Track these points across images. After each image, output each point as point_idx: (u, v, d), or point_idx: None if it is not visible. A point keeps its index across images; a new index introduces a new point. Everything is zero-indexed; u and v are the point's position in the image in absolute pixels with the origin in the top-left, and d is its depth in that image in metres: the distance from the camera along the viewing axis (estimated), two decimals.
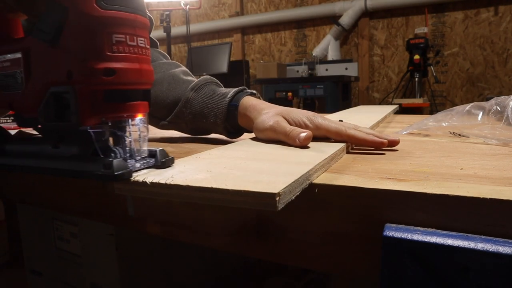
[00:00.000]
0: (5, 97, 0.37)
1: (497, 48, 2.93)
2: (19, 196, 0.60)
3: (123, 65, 0.31)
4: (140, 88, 0.34)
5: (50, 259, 0.70)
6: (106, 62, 0.30)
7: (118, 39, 0.31)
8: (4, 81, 0.37)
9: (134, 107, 0.33)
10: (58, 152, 0.35)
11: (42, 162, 0.36)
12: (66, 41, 0.30)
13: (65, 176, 0.34)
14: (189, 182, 0.29)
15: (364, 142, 0.46)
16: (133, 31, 0.32)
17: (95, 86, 0.30)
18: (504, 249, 0.24)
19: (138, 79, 0.33)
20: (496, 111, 0.58)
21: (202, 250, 0.76)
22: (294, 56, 3.74)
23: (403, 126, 0.71)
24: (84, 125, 0.31)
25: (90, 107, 0.31)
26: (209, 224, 0.39)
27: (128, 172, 0.31)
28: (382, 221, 0.30)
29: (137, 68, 0.32)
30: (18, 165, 0.37)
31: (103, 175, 0.30)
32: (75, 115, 0.31)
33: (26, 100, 0.35)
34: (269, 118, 0.51)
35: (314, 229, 0.33)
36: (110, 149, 0.33)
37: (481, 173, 0.34)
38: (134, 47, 0.32)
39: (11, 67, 0.36)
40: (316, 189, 0.32)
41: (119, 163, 0.30)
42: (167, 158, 0.35)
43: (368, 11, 3.24)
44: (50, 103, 0.32)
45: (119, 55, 0.31)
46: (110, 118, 0.32)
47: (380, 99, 3.35)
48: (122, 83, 0.31)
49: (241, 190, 0.27)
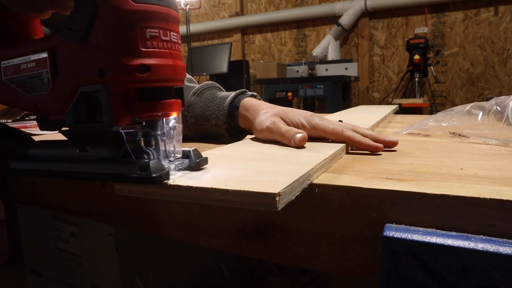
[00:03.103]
0: (30, 99, 0.35)
1: (497, 48, 2.93)
2: (19, 196, 0.60)
3: (157, 61, 0.29)
4: (174, 86, 0.32)
5: (50, 259, 0.70)
6: (141, 58, 0.29)
7: (152, 34, 0.29)
8: (29, 82, 0.35)
9: (168, 106, 0.32)
10: (86, 155, 0.33)
11: (69, 166, 0.34)
12: (97, 38, 0.29)
13: (97, 179, 0.32)
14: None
15: (360, 144, 0.46)
16: (166, 26, 0.30)
17: (129, 84, 0.29)
18: (504, 249, 0.24)
19: (172, 76, 0.31)
20: (496, 111, 0.58)
21: (202, 250, 0.76)
22: (294, 56, 3.74)
23: (403, 126, 0.71)
24: (116, 126, 0.29)
25: (123, 106, 0.29)
26: (209, 224, 0.39)
27: (165, 174, 0.30)
28: (382, 221, 0.30)
29: (171, 64, 0.30)
30: (43, 170, 0.36)
31: (140, 178, 0.29)
32: (108, 115, 0.29)
33: (53, 101, 0.33)
34: (266, 119, 0.51)
35: (314, 229, 0.33)
36: (143, 150, 0.32)
37: (481, 173, 0.34)
38: (167, 42, 0.30)
39: (36, 67, 0.34)
40: (316, 189, 0.32)
41: (156, 164, 0.29)
42: (201, 158, 0.34)
43: (368, 11, 3.24)
44: (79, 103, 0.30)
45: (153, 50, 0.29)
46: (144, 118, 0.31)
47: (380, 99, 3.35)
48: (156, 80, 0.30)
49: (241, 191, 0.27)
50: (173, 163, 0.32)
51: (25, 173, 0.37)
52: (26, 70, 0.35)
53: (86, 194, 0.49)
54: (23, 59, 0.35)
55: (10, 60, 0.36)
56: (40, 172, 0.36)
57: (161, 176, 0.29)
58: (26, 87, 0.35)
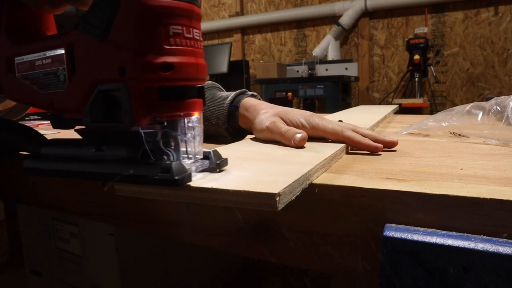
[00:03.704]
0: (45, 97, 0.34)
1: (497, 48, 2.93)
2: (19, 196, 0.60)
3: (180, 59, 0.28)
4: (196, 85, 0.31)
5: (50, 259, 0.70)
6: (164, 56, 0.27)
7: (175, 31, 0.28)
8: (44, 79, 0.34)
9: (190, 105, 0.30)
10: (102, 155, 0.32)
11: (85, 166, 0.33)
12: (118, 35, 0.28)
13: (115, 181, 0.31)
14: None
15: (359, 145, 0.46)
16: (189, 23, 0.29)
17: (151, 83, 0.28)
18: (504, 249, 0.24)
19: (194, 74, 0.30)
20: (496, 111, 0.58)
21: (202, 250, 0.76)
22: (294, 56, 3.74)
23: (403, 126, 0.71)
24: (137, 126, 0.28)
25: (144, 105, 0.28)
26: (209, 224, 0.39)
27: (188, 176, 0.29)
28: (382, 221, 0.30)
29: (194, 63, 0.29)
30: (58, 169, 0.34)
31: (162, 180, 0.28)
32: (128, 114, 0.28)
33: (70, 99, 0.32)
34: (266, 119, 0.51)
35: (314, 229, 0.33)
36: (163, 151, 0.30)
37: (481, 173, 0.34)
38: (190, 39, 0.29)
39: (52, 64, 0.33)
40: (316, 189, 0.32)
41: (178, 166, 0.28)
42: (221, 159, 0.33)
43: (368, 11, 3.24)
44: (98, 102, 0.29)
45: (176, 48, 0.28)
46: (166, 118, 0.30)
47: (380, 99, 3.35)
48: (179, 79, 0.29)
49: (241, 191, 0.27)
50: (194, 165, 0.31)
51: (39, 173, 0.36)
52: (41, 66, 0.34)
53: (86, 194, 0.49)
54: (38, 55, 0.34)
55: (24, 56, 0.35)
56: (54, 172, 0.35)
57: (184, 179, 0.28)
58: (40, 84, 0.34)
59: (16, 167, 0.57)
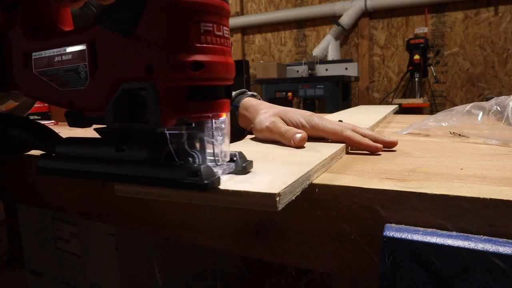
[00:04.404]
0: (64, 94, 0.32)
1: (497, 48, 2.93)
2: (19, 196, 0.60)
3: (211, 57, 0.27)
4: (224, 84, 0.30)
5: (50, 259, 0.70)
6: (194, 54, 0.26)
7: (206, 29, 0.27)
8: (63, 76, 0.32)
9: (219, 106, 0.29)
10: (123, 155, 0.30)
11: (105, 167, 0.31)
12: (145, 31, 0.26)
13: (138, 183, 0.29)
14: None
15: (359, 145, 0.46)
16: (219, 20, 0.28)
17: (179, 82, 0.26)
18: (504, 249, 0.24)
19: (224, 74, 0.29)
20: (496, 111, 0.58)
21: (202, 250, 0.76)
22: (294, 56, 3.74)
23: (403, 126, 0.71)
24: (163, 126, 0.27)
25: (171, 105, 0.27)
26: (209, 224, 0.39)
27: (217, 180, 0.27)
28: (382, 221, 0.30)
29: (224, 62, 0.28)
30: (75, 170, 0.33)
31: (191, 184, 0.27)
32: (154, 115, 0.27)
33: (91, 97, 0.31)
34: (266, 119, 0.51)
35: (314, 229, 0.33)
36: (188, 153, 0.29)
37: (481, 173, 0.34)
38: (220, 37, 0.28)
39: (73, 60, 0.31)
40: (316, 189, 0.32)
41: (207, 170, 0.27)
42: (247, 162, 0.32)
43: (368, 11, 3.24)
44: (121, 101, 0.28)
45: (207, 46, 0.27)
46: (194, 119, 0.28)
47: (380, 99, 3.35)
48: (208, 78, 0.27)
49: (242, 191, 0.27)
50: (221, 167, 0.30)
51: (55, 172, 0.35)
52: (61, 62, 0.32)
53: (86, 194, 0.49)
54: (58, 51, 0.32)
55: (42, 52, 0.34)
56: (72, 172, 0.33)
57: (213, 182, 0.27)
58: (59, 81, 0.33)
59: (16, 167, 0.57)
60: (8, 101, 0.51)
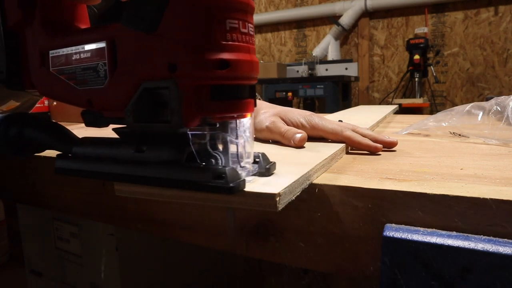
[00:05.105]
0: (82, 93, 0.31)
1: (497, 48, 2.93)
2: (19, 196, 0.60)
3: (236, 56, 0.26)
4: (248, 84, 0.29)
5: (50, 259, 0.70)
6: (220, 52, 0.25)
7: (232, 26, 0.26)
8: (81, 75, 0.31)
9: (244, 106, 0.28)
10: (143, 156, 0.29)
11: (125, 169, 0.30)
12: (168, 28, 0.25)
13: (160, 185, 0.29)
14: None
15: (359, 145, 0.46)
16: (245, 17, 0.27)
17: (204, 81, 0.26)
18: (504, 249, 0.24)
19: (249, 72, 0.28)
20: (496, 111, 0.58)
21: (202, 250, 0.76)
22: (294, 56, 3.74)
23: (403, 126, 0.71)
24: (186, 127, 0.26)
25: (195, 105, 0.26)
26: (210, 224, 0.39)
27: (243, 183, 0.27)
28: (382, 221, 0.30)
29: (249, 60, 0.27)
30: (93, 171, 0.32)
31: (215, 187, 0.26)
32: (177, 115, 0.26)
33: (110, 97, 0.30)
34: (266, 119, 0.51)
35: (314, 229, 0.33)
36: (210, 154, 0.28)
37: (481, 173, 0.34)
38: (246, 35, 0.27)
39: (91, 58, 0.30)
40: (316, 189, 0.32)
41: (232, 172, 0.26)
42: (270, 164, 0.31)
43: (368, 11, 3.24)
44: (142, 100, 0.27)
45: (232, 44, 0.26)
46: (218, 119, 0.28)
47: (380, 99, 3.35)
48: (234, 77, 0.27)
49: (242, 191, 0.27)
50: (244, 169, 0.29)
51: (73, 173, 0.34)
52: (79, 61, 0.31)
53: (86, 194, 0.49)
54: (76, 48, 0.31)
55: (60, 50, 0.33)
56: (90, 173, 0.33)
57: (239, 185, 0.26)
58: (77, 79, 0.32)
59: (16, 167, 0.57)
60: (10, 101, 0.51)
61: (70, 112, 1.02)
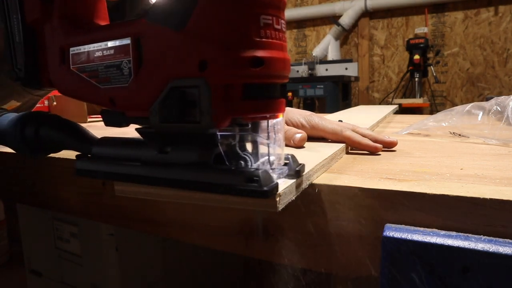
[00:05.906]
0: (104, 92, 0.30)
1: (497, 48, 2.93)
2: (19, 196, 0.60)
3: (270, 53, 0.25)
4: (281, 82, 0.27)
5: (50, 259, 0.70)
6: (254, 49, 0.24)
7: (265, 22, 0.24)
8: (104, 72, 0.30)
9: (277, 105, 0.27)
10: (168, 158, 0.28)
11: (150, 171, 0.29)
12: (199, 24, 0.24)
13: (187, 189, 0.27)
14: None
15: (359, 145, 0.47)
16: (278, 13, 0.26)
17: (235, 79, 0.24)
18: (504, 249, 0.24)
19: (282, 71, 0.26)
20: (496, 111, 0.58)
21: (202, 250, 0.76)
22: (294, 56, 3.74)
23: (403, 126, 0.71)
24: (216, 127, 0.25)
25: (226, 105, 0.25)
26: (210, 224, 0.39)
27: (276, 186, 0.26)
28: (382, 221, 0.30)
29: (282, 58, 0.26)
30: (116, 172, 0.31)
31: (249, 191, 0.25)
32: (207, 115, 0.24)
33: (135, 95, 0.28)
34: None
35: (314, 229, 0.33)
36: (239, 156, 0.27)
37: (481, 173, 0.35)
38: (279, 31, 0.26)
39: (115, 56, 0.29)
40: (316, 189, 0.32)
41: (265, 175, 0.25)
42: (300, 165, 0.30)
43: (368, 11, 3.24)
44: (170, 99, 0.26)
45: (266, 41, 0.25)
46: (249, 119, 0.26)
47: (380, 99, 3.35)
48: (267, 75, 0.25)
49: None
50: (275, 172, 0.28)
51: (94, 175, 0.33)
52: (101, 58, 0.30)
53: (86, 194, 0.49)
54: (99, 45, 0.30)
55: (81, 47, 0.31)
56: (113, 175, 0.31)
57: (273, 189, 0.25)
58: (100, 77, 0.30)
59: (16, 167, 0.57)
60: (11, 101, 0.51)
61: (70, 112, 1.02)
